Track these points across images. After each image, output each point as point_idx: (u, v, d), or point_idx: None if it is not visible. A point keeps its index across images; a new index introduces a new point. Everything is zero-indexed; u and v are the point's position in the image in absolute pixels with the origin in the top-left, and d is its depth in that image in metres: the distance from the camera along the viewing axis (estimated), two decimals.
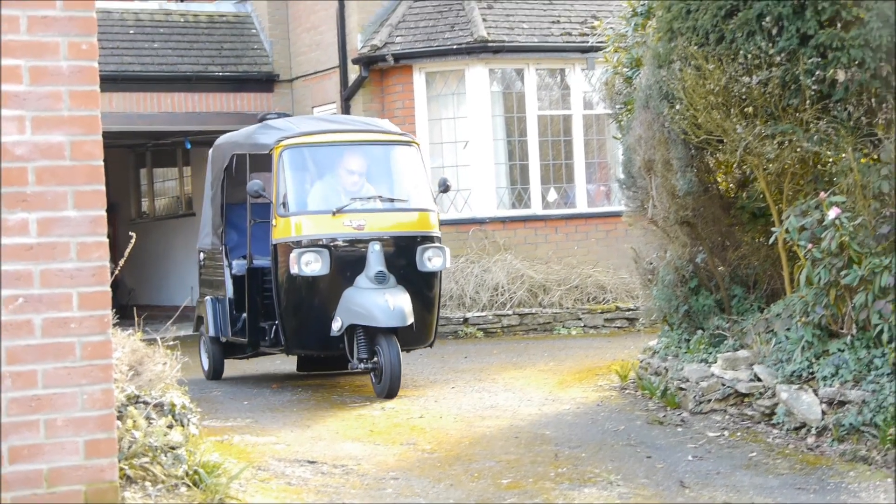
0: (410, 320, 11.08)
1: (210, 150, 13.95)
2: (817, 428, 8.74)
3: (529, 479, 7.88)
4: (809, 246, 8.97)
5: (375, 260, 11.33)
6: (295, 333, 11.75)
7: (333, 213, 11.61)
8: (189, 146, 20.63)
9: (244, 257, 12.60)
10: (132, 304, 19.00)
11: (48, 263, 5.82)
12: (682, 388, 10.06)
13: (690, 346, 10.40)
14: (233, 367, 13.93)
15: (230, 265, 12.96)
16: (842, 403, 8.65)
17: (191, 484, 6.92)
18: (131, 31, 19.61)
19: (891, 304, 8.47)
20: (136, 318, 9.36)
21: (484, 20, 17.63)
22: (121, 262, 8.60)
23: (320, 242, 11.50)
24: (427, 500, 7.42)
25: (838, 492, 7.51)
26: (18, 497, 5.75)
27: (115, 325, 6.88)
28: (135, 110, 18.97)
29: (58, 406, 5.82)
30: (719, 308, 10.64)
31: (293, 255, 11.35)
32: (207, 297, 13.35)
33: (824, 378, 8.83)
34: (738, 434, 9.09)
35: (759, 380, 9.36)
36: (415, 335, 11.56)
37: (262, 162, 12.64)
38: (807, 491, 7.54)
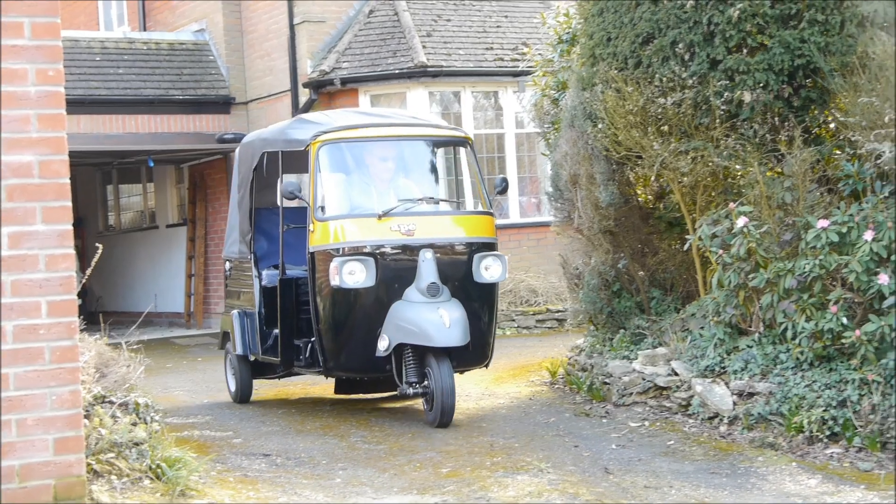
0: (468, 339, 9.18)
1: (237, 150, 11.92)
2: (729, 417, 8.79)
3: (467, 467, 7.88)
4: (720, 252, 9.02)
5: (427, 270, 9.41)
6: (335, 353, 9.69)
7: (379, 217, 9.57)
8: (152, 164, 20.45)
9: (276, 267, 10.59)
10: (100, 310, 18.85)
11: (19, 274, 5.77)
12: (606, 383, 10.10)
13: (614, 344, 10.43)
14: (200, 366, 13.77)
15: (260, 275, 10.86)
16: (751, 395, 8.71)
17: (154, 477, 6.87)
18: (98, 58, 19.45)
19: (794, 304, 8.54)
20: (102, 324, 9.28)
21: (424, 47, 17.64)
22: (88, 272, 8.53)
23: (364, 250, 9.49)
24: (373, 488, 7.40)
25: (748, 475, 7.56)
26: None
27: (82, 330, 6.83)
28: (101, 131, 18.80)
29: (28, 406, 5.77)
30: (640, 309, 10.68)
31: (334, 265, 9.40)
32: (234, 311, 11.17)
33: (735, 372, 8.89)
34: (658, 424, 9.13)
35: (676, 374, 9.41)
36: (470, 354, 9.57)
37: (295, 161, 10.77)
38: (720, 475, 7.58)
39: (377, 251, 9.51)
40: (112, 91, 19.10)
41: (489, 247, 9.92)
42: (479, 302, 9.80)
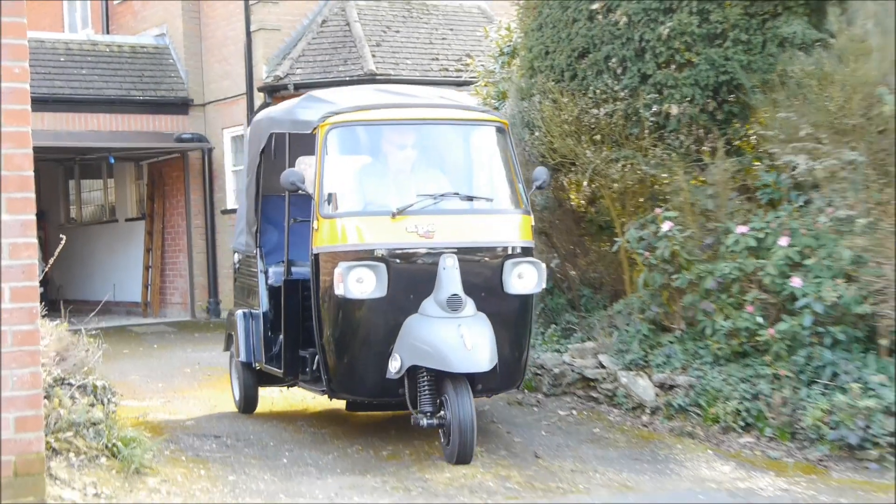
0: (494, 362, 7.41)
1: (248, 129, 10.09)
2: (651, 408, 8.88)
3: (406, 451, 7.90)
4: (646, 254, 9.10)
5: (448, 279, 7.56)
6: (340, 372, 7.86)
7: (393, 215, 7.72)
8: (112, 161, 20.32)
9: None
10: (61, 298, 18.68)
11: None
12: (538, 374, 10.14)
13: (546, 338, 10.48)
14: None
15: (266, 272, 9.07)
16: (671, 387, 8.79)
17: (110, 455, 6.85)
18: (62, 59, 19.27)
19: (713, 303, 8.64)
20: (62, 311, 9.21)
21: (373, 56, 17.64)
22: (51, 262, 8.47)
23: (375, 254, 7.64)
24: (317, 468, 7.42)
25: (667, 462, 7.64)
26: None
27: (43, 316, 6.77)
28: (64, 128, 18.64)
29: None
30: (571, 306, 10.75)
31: (339, 271, 7.56)
32: (239, 312, 9.37)
33: (657, 366, 8.97)
34: (585, 413, 9.20)
35: (604, 367, 9.48)
36: (499, 377, 7.75)
37: (307, 143, 8.61)
38: (641, 461, 7.66)
39: (390, 256, 7.68)
40: (75, 90, 18.95)
41: (524, 252, 8.05)
42: (511, 317, 7.97)
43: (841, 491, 6.86)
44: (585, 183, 10.45)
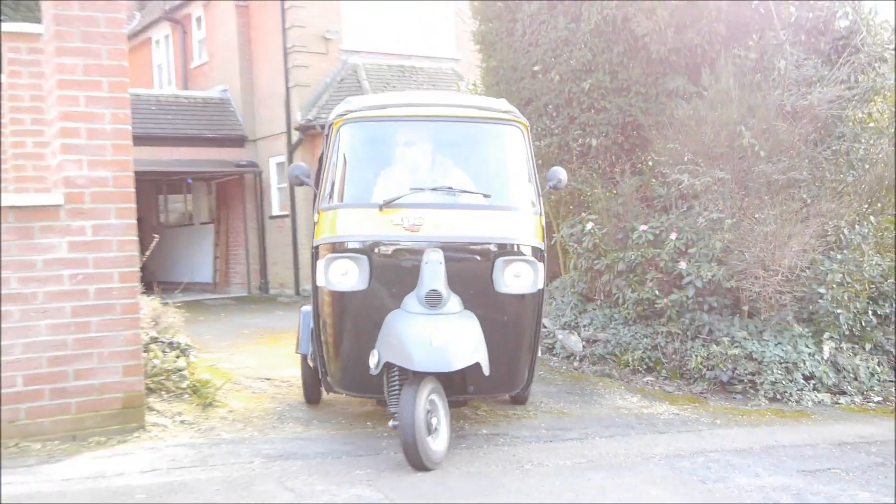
0: (465, 364, 5.22)
1: None
2: (580, 356, 8.87)
3: None
4: (575, 245, 9.10)
5: (430, 274, 5.48)
6: (331, 366, 5.88)
7: (381, 208, 5.68)
8: (190, 181, 20.18)
9: None
10: (154, 280, 18.57)
11: (98, 253, 5.69)
12: None
13: None
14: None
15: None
16: (594, 341, 8.79)
17: (191, 393, 6.80)
18: (153, 108, 19.13)
19: (623, 281, 8.63)
20: (155, 289, 9.13)
21: None
22: (146, 253, 8.39)
23: (360, 246, 5.65)
24: (346, 401, 7.37)
25: (592, 395, 7.64)
26: (82, 400, 5.63)
27: (142, 293, 6.71)
28: (156, 158, 18.51)
29: (104, 344, 5.70)
30: None
31: (321, 263, 5.71)
32: (304, 307, 6.96)
33: (584, 326, 8.97)
34: None
35: (545, 327, 9.45)
36: (493, 379, 5.61)
37: None
38: (573, 394, 7.65)
39: (373, 248, 5.66)
40: (164, 130, 18.81)
41: (521, 251, 5.72)
42: (503, 317, 5.68)
43: (716, 415, 6.87)
44: None
